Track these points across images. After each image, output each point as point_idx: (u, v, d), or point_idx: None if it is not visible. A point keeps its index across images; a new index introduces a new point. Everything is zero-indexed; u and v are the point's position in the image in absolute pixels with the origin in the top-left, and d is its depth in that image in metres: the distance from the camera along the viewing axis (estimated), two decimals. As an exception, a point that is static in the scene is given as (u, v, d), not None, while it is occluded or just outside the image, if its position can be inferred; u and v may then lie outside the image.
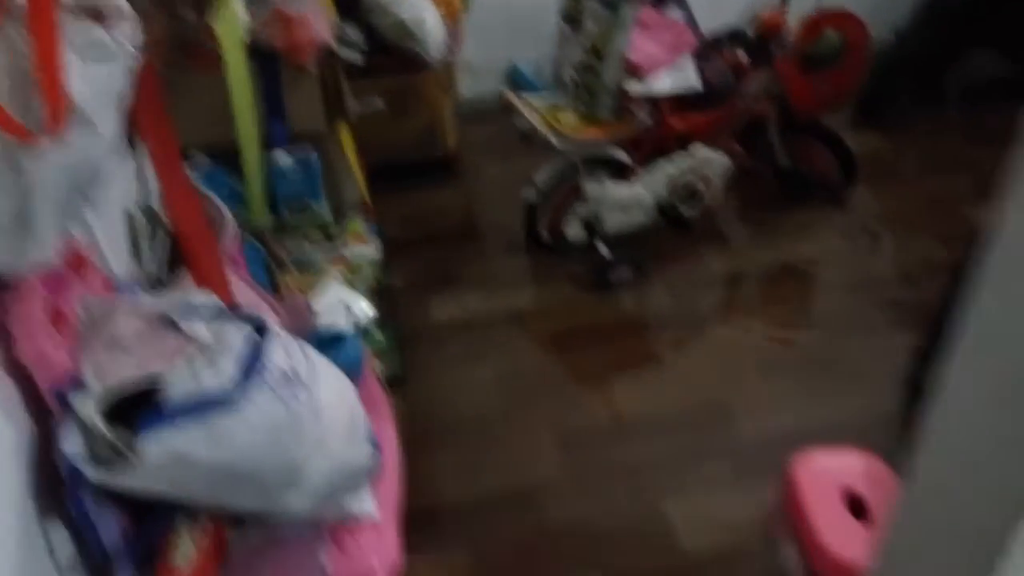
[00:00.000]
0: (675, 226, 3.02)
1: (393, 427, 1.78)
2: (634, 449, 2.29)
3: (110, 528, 1.28)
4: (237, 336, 1.29)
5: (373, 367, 1.93)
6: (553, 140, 2.60)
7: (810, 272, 3.00)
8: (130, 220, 1.70)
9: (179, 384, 1.19)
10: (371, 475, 1.49)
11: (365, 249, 2.44)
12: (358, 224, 2.55)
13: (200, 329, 1.26)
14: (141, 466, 1.14)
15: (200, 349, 1.23)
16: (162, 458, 1.15)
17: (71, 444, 1.17)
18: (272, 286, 2.21)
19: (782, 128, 3.08)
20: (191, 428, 1.17)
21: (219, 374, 1.22)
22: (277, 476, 1.30)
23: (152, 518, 1.32)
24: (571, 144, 2.62)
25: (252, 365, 1.25)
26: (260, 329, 1.32)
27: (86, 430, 1.17)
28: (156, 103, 1.29)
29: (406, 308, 2.74)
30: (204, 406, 1.18)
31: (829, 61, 2.84)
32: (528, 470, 2.23)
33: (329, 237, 2.48)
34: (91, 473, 1.16)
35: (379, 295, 2.30)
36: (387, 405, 1.82)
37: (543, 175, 2.84)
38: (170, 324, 1.26)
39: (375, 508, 1.51)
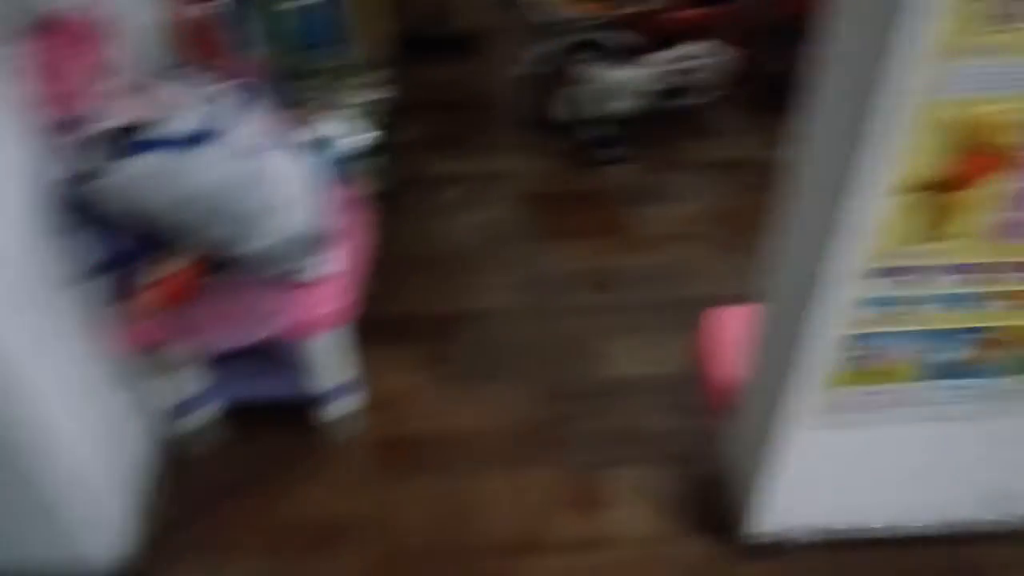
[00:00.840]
0: (665, 115, 3.22)
1: (364, 219, 2.12)
2: (588, 296, 2.60)
3: (105, 244, 1.67)
4: (217, 105, 1.65)
5: (359, 178, 2.27)
6: (548, 12, 2.81)
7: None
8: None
9: (158, 127, 1.55)
10: (322, 243, 1.83)
11: (376, 94, 2.74)
12: (374, 74, 2.86)
13: (187, 92, 1.62)
14: (117, 184, 1.52)
15: (183, 106, 1.59)
16: (133, 177, 1.52)
17: (69, 167, 1.56)
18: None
19: (779, 33, 3.21)
20: (160, 157, 1.53)
21: (191, 125, 1.58)
22: (235, 217, 1.66)
23: (140, 247, 1.70)
24: (564, 16, 2.83)
25: (221, 126, 1.61)
26: (235, 105, 1.67)
27: (83, 154, 1.55)
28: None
29: (409, 160, 3.05)
30: (173, 144, 1.54)
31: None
32: (488, 299, 2.57)
33: (347, 81, 2.78)
34: (83, 190, 1.55)
35: (381, 132, 2.62)
36: (361, 205, 2.17)
37: (540, 52, 3.06)
38: (165, 85, 1.62)
39: (329, 271, 1.86)
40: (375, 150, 2.51)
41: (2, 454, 1.54)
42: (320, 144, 2.10)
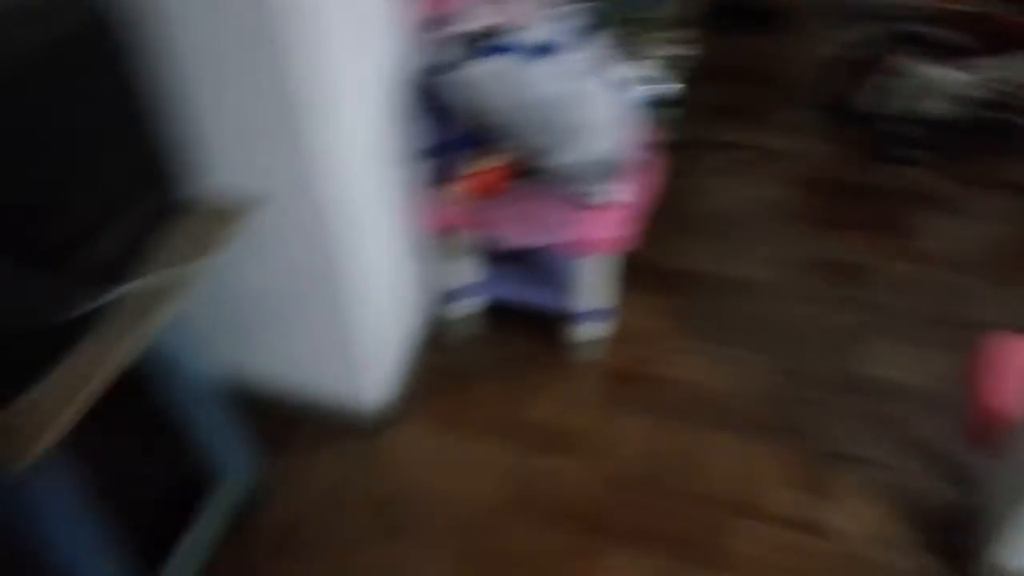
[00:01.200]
0: (979, 126, 2.98)
1: (655, 162, 2.20)
2: (850, 289, 2.51)
3: (439, 132, 1.88)
4: (560, 26, 1.79)
5: (656, 124, 2.34)
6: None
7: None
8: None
9: (509, 35, 1.72)
10: (617, 173, 1.93)
11: (682, 51, 2.79)
12: (683, 32, 2.90)
13: (537, 9, 1.78)
14: (465, 80, 1.70)
15: (532, 21, 1.75)
16: (478, 77, 1.70)
17: (427, 59, 1.78)
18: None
19: None
20: (506, 62, 1.71)
21: (537, 39, 1.74)
22: (554, 129, 1.82)
23: (467, 140, 1.89)
24: (891, 3, 2.69)
25: (560, 44, 1.75)
26: (574, 30, 1.81)
27: (441, 50, 1.75)
28: None
29: (699, 120, 3.09)
30: (520, 52, 1.70)
31: None
32: (747, 269, 2.57)
33: (657, 34, 2.85)
34: (433, 81, 1.74)
35: (682, 87, 2.67)
36: (655, 149, 2.24)
37: (854, 36, 2.94)
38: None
39: (618, 200, 1.96)
40: (674, 103, 2.57)
41: (326, 290, 1.80)
42: (631, 84, 2.18)
